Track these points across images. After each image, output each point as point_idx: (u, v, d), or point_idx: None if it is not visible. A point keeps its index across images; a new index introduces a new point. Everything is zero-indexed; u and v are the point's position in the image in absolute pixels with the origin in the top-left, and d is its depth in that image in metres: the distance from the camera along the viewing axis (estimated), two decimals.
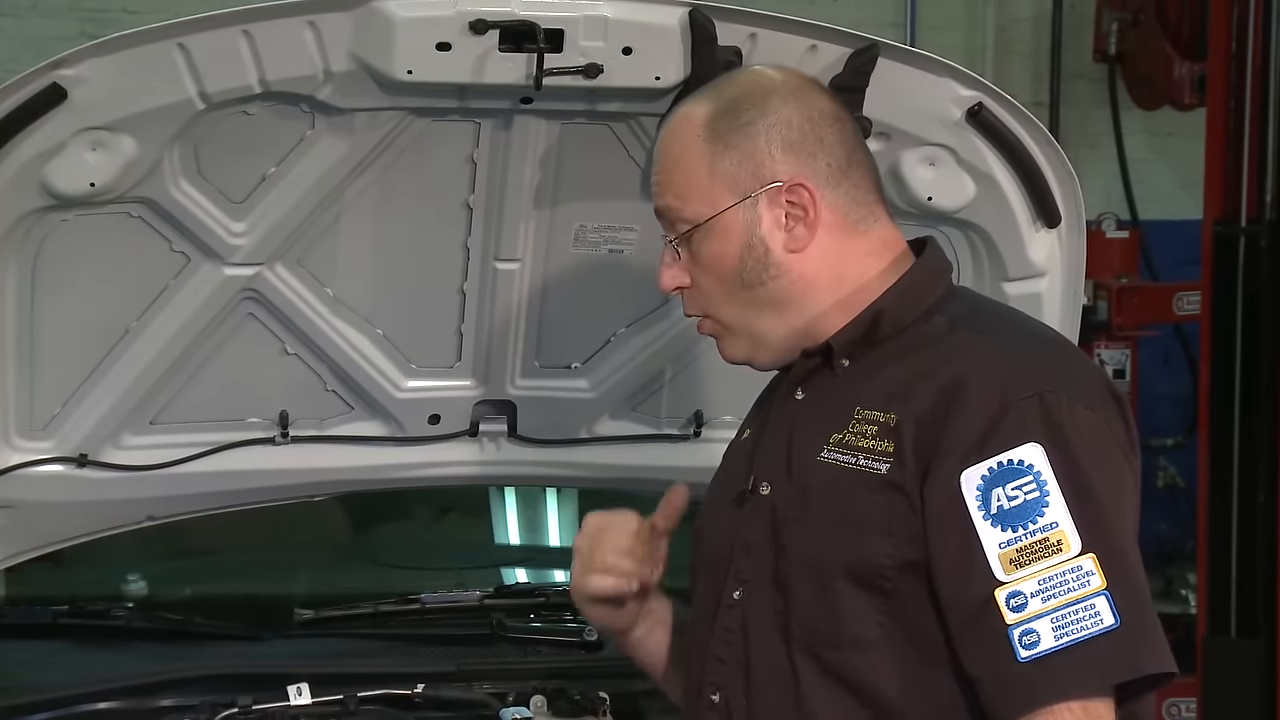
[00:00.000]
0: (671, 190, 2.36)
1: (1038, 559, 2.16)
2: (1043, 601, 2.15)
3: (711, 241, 2.34)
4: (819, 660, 2.26)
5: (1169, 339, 6.63)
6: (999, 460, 2.19)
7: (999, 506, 2.18)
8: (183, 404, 3.12)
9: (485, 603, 3.40)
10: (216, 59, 2.68)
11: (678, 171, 2.36)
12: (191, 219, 2.90)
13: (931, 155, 2.93)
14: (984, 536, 2.18)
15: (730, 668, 2.33)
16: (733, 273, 2.34)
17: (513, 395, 3.24)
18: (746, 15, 2.75)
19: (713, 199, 2.34)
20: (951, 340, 2.31)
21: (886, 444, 2.25)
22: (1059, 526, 2.16)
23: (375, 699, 3.04)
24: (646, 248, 3.06)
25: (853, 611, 2.24)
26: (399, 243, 3.03)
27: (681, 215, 2.36)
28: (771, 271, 2.34)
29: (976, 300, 2.49)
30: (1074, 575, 2.15)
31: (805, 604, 2.27)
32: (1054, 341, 2.43)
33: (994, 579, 2.17)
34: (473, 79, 2.71)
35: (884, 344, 2.35)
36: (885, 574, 2.23)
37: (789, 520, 2.30)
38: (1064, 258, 3.07)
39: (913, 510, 2.22)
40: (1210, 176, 5.02)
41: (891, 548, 2.23)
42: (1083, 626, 2.13)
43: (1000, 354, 2.27)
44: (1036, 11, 7.33)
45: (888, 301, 2.35)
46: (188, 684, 3.07)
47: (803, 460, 2.32)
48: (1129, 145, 7.00)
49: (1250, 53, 4.84)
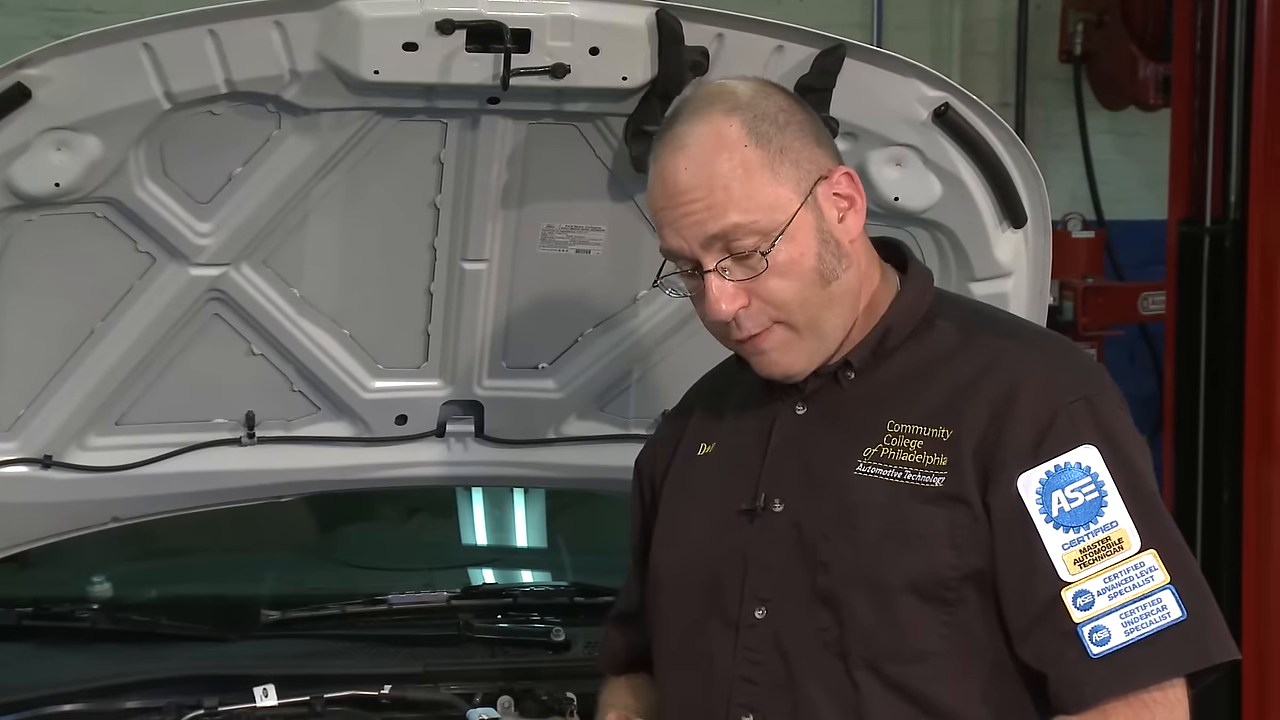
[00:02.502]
0: (735, 208, 2.29)
1: (1101, 558, 2.22)
2: (1110, 599, 2.21)
3: (790, 246, 2.31)
4: (881, 674, 2.28)
5: (1134, 339, 6.66)
6: (1055, 464, 2.25)
7: (1059, 509, 2.24)
8: (148, 405, 3.11)
9: (452, 603, 3.39)
10: (182, 59, 2.67)
11: (738, 186, 2.30)
12: (157, 219, 2.89)
13: (898, 155, 2.94)
14: (1047, 538, 2.24)
15: (764, 688, 2.33)
16: (813, 272, 2.33)
17: (480, 395, 3.24)
18: (713, 15, 2.75)
19: (783, 204, 2.31)
20: (979, 349, 2.35)
21: (937, 458, 2.28)
22: (1119, 525, 2.23)
23: (342, 700, 3.03)
24: (614, 248, 3.07)
25: (915, 624, 2.27)
26: (366, 243, 3.02)
27: (756, 228, 2.30)
28: (844, 263, 2.35)
29: (966, 303, 2.55)
30: (1138, 572, 2.21)
31: (862, 619, 2.28)
32: (1067, 340, 2.50)
33: (1059, 580, 2.22)
34: (439, 79, 2.71)
35: (890, 355, 2.38)
36: (949, 584, 2.26)
37: (828, 537, 2.31)
38: (1030, 257, 3.08)
39: (976, 521, 2.26)
40: (1175, 176, 5.03)
41: (956, 558, 2.26)
42: (1151, 620, 2.20)
43: (1038, 360, 2.33)
44: (1002, 12, 7.34)
45: (894, 316, 2.39)
46: (153, 686, 3.06)
47: (835, 476, 2.33)
48: (1094, 145, 7.02)
49: (1214, 53, 4.86)
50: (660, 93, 2.75)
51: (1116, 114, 6.95)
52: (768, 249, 2.29)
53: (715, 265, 2.31)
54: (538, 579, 3.95)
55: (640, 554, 2.58)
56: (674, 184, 2.32)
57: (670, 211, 2.33)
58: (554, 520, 3.99)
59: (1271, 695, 4.72)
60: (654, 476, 2.58)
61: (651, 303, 3.16)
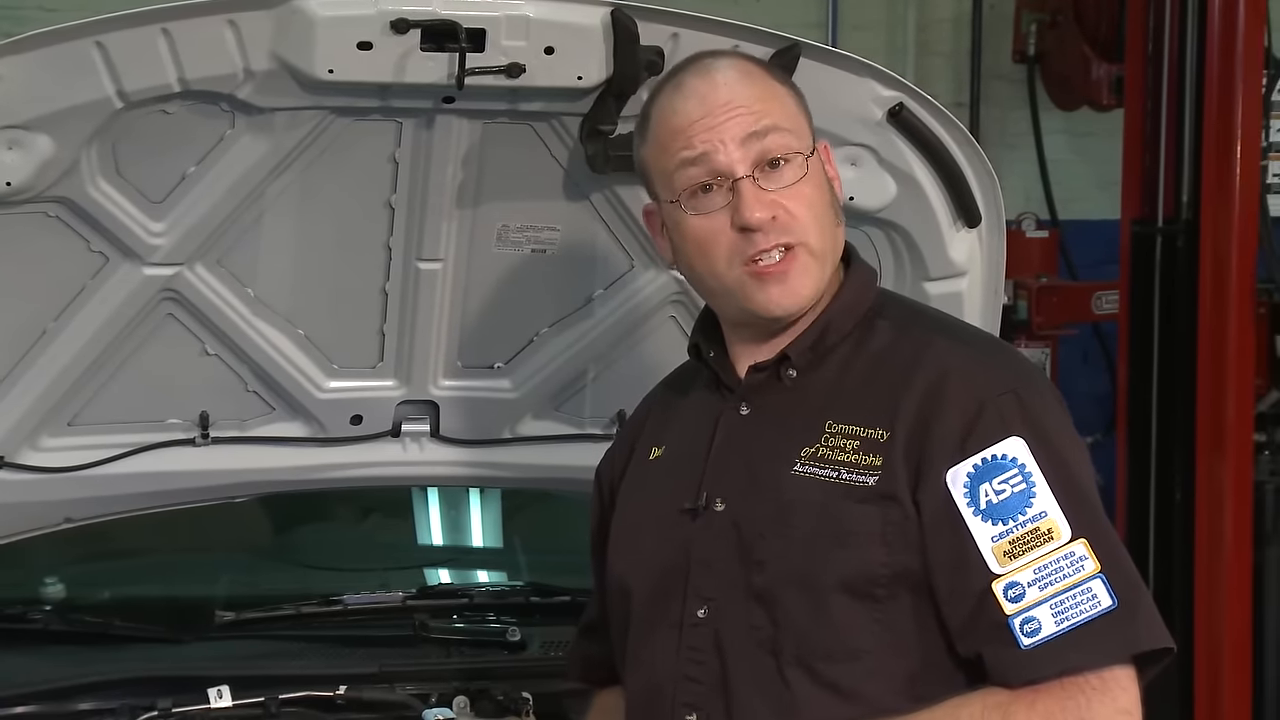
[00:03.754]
0: (781, 114, 2.36)
1: (1031, 549, 2.22)
2: (1040, 590, 2.21)
3: (814, 173, 2.37)
4: (812, 672, 2.28)
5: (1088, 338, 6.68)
6: (983, 457, 2.25)
7: (988, 501, 2.24)
8: (101, 405, 3.10)
9: (408, 604, 3.38)
10: (135, 57, 2.66)
11: (778, 101, 2.38)
12: (110, 219, 2.87)
13: (853, 155, 2.94)
14: (976, 531, 2.24)
15: (706, 687, 2.33)
16: (828, 206, 2.39)
17: (435, 395, 3.23)
18: (669, 15, 2.75)
19: (806, 136, 2.39)
20: (911, 347, 2.36)
21: (872, 458, 2.28)
22: (1048, 515, 2.23)
23: (297, 701, 3.02)
24: (569, 247, 3.07)
25: (847, 622, 2.27)
26: (320, 243, 3.01)
27: (795, 139, 2.36)
28: (839, 217, 2.41)
29: (908, 303, 2.55)
30: (1068, 562, 2.22)
31: (796, 618, 2.29)
32: (999, 340, 2.53)
33: (990, 572, 2.22)
34: (394, 78, 2.70)
35: (830, 353, 2.39)
36: (881, 582, 2.27)
37: (764, 536, 2.32)
38: (984, 257, 3.09)
39: (907, 518, 2.26)
40: (1128, 176, 5.05)
41: (887, 556, 2.26)
42: (1081, 610, 2.20)
43: (966, 355, 2.34)
44: (957, 13, 7.36)
45: (834, 312, 2.40)
46: (107, 687, 3.04)
47: (773, 475, 2.34)
48: (1048, 145, 7.04)
49: (1167, 54, 4.88)
50: (615, 92, 2.76)
51: (1070, 114, 6.98)
52: (806, 156, 2.35)
53: (750, 172, 2.34)
54: (493, 579, 3.95)
55: (600, 562, 2.59)
56: (712, 99, 2.36)
57: (707, 120, 2.35)
58: (510, 520, 3.99)
59: (1223, 690, 4.75)
60: (612, 483, 2.60)
61: (607, 303, 3.16)
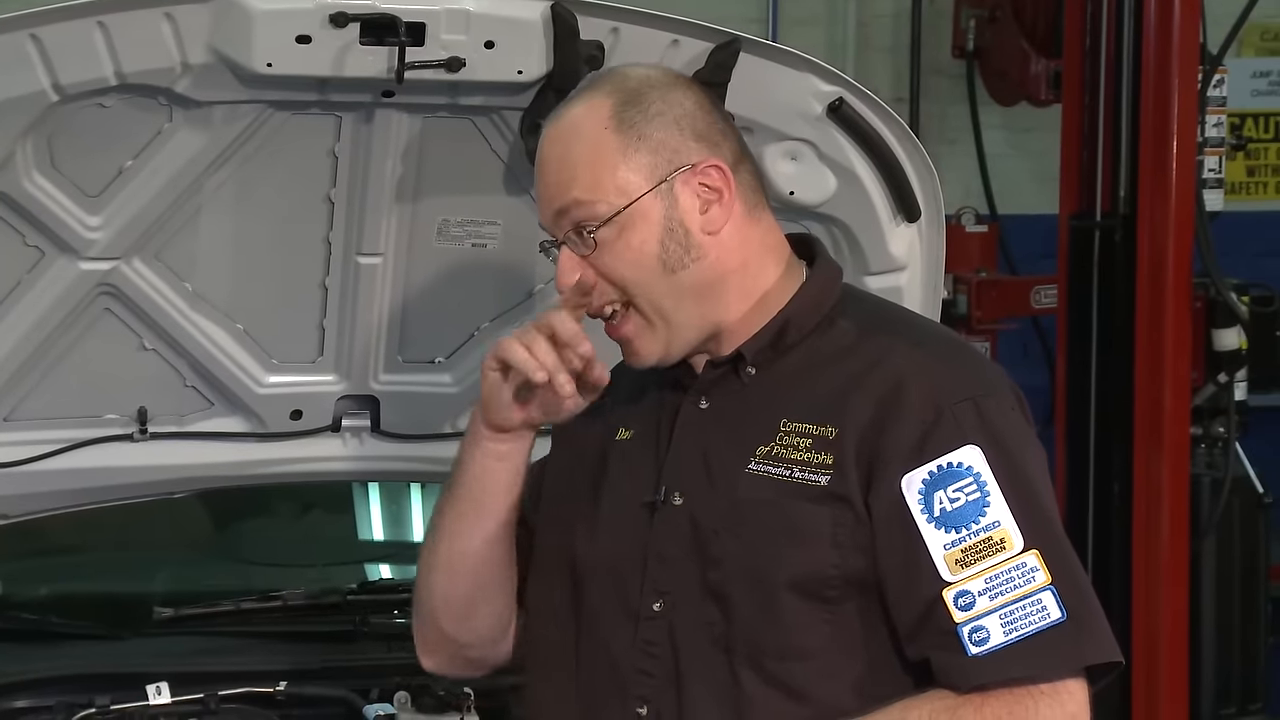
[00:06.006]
0: (579, 186, 2.35)
1: (983, 558, 2.22)
2: (990, 599, 2.20)
3: (631, 231, 2.34)
4: (762, 670, 2.28)
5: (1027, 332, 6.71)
6: (939, 464, 2.24)
7: (941, 509, 2.23)
8: (38, 400, 3.07)
9: (348, 599, 3.37)
10: (70, 50, 2.64)
11: (585, 168, 2.35)
12: (46, 213, 2.85)
13: (793, 150, 2.95)
14: (929, 538, 2.23)
15: (659, 681, 2.33)
16: (655, 259, 2.35)
17: (376, 390, 3.22)
18: (609, 10, 2.75)
19: (627, 189, 2.34)
20: (871, 348, 2.35)
21: (824, 456, 2.28)
22: (1001, 525, 2.23)
23: (236, 697, 3.01)
24: (510, 242, 3.06)
25: (797, 622, 2.27)
26: (259, 237, 3.00)
27: (594, 211, 2.34)
28: (693, 254, 2.36)
29: (872, 301, 2.54)
30: (1019, 572, 2.21)
31: (747, 616, 2.29)
32: (962, 343, 2.50)
33: (941, 579, 2.22)
34: (333, 72, 2.69)
35: (791, 351, 2.38)
36: (831, 583, 2.27)
37: (720, 532, 2.32)
38: (924, 251, 3.10)
39: (859, 520, 2.26)
40: (1066, 171, 5.07)
41: (838, 558, 2.26)
42: (1030, 621, 2.20)
43: (926, 360, 2.32)
44: (897, 8, 7.39)
45: (794, 310, 2.39)
46: (43, 684, 3.02)
47: (728, 473, 2.33)
48: (987, 140, 7.07)
49: (1104, 49, 4.90)
50: (555, 86, 2.75)
51: (1009, 109, 7.01)
52: (594, 229, 2.34)
53: (562, 236, 2.37)
54: None
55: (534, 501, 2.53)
56: (540, 158, 2.41)
57: (537, 183, 2.41)
58: None
59: (1161, 679, 4.79)
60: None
61: (548, 297, 3.15)
